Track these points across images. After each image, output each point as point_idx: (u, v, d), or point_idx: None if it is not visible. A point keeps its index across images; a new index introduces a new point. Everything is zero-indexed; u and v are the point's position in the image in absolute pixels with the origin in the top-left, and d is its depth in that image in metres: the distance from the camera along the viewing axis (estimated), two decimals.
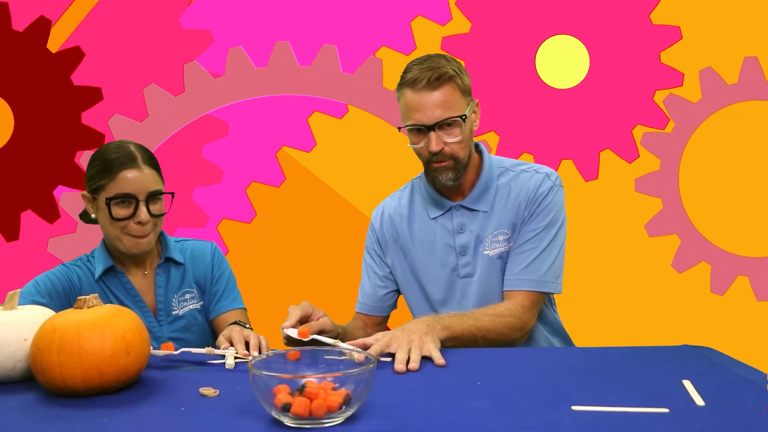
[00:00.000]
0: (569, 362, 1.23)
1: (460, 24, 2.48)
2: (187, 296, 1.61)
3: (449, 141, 1.49)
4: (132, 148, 1.51)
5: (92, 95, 2.48)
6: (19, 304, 1.38)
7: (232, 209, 2.51)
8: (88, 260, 1.58)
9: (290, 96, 2.50)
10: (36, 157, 2.49)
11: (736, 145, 2.47)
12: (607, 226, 2.49)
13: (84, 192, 1.53)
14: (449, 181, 1.53)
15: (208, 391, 1.06)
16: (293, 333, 1.29)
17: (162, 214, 1.52)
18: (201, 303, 1.63)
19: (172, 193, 1.55)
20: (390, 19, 2.48)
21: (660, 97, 2.46)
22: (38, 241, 2.49)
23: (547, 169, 1.59)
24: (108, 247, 1.57)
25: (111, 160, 1.48)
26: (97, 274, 1.54)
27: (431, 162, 1.52)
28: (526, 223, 1.54)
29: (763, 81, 2.46)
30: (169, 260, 1.60)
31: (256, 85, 2.50)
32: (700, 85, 2.46)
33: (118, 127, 2.48)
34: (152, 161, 1.52)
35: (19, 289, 1.26)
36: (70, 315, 1.10)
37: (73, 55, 2.47)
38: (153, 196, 1.49)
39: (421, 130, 1.50)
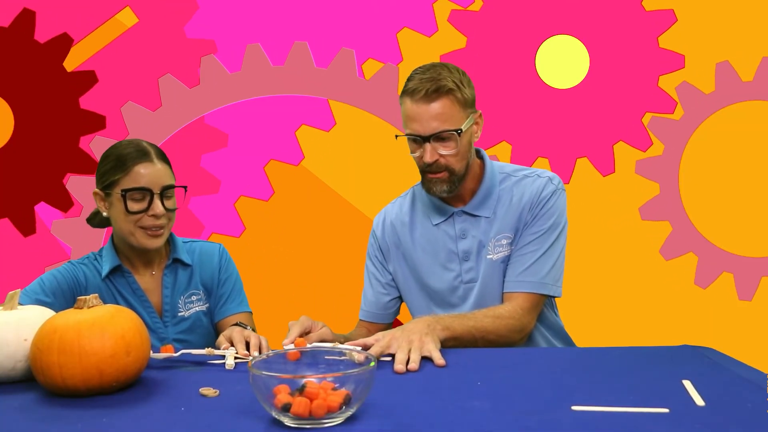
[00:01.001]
0: (569, 362, 1.23)
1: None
2: (194, 298, 1.61)
3: (444, 153, 1.49)
4: (145, 144, 1.53)
5: (96, 122, 2.48)
6: (23, 303, 1.39)
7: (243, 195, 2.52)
8: (96, 259, 1.58)
9: (293, 96, 2.51)
10: (41, 150, 2.48)
11: (741, 140, 2.47)
12: (609, 229, 2.49)
13: (96, 189, 1.53)
14: (443, 192, 1.54)
15: (208, 391, 1.06)
16: (292, 347, 1.30)
17: (175, 209, 1.53)
18: (207, 305, 1.63)
19: (185, 187, 1.56)
20: (411, 5, 2.49)
21: (668, 83, 2.47)
22: (12, 249, 2.49)
23: (549, 173, 1.60)
24: (117, 245, 1.57)
25: (124, 155, 1.49)
26: (104, 273, 1.54)
27: (426, 172, 1.53)
28: (529, 226, 1.55)
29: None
30: (177, 261, 1.60)
31: (256, 87, 2.50)
32: (715, 77, 2.46)
33: (100, 146, 2.48)
34: (164, 157, 1.54)
35: (19, 289, 1.26)
36: (70, 315, 1.10)
37: (85, 78, 2.47)
38: (167, 191, 1.50)
39: (418, 140, 1.51)
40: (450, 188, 1.53)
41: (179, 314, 1.59)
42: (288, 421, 0.89)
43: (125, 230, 1.50)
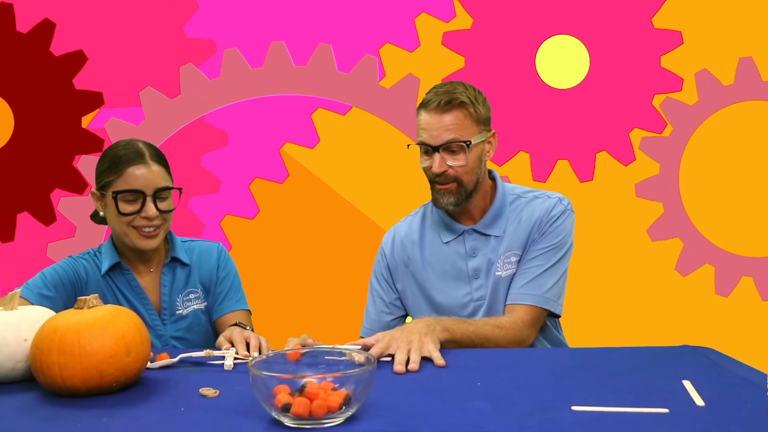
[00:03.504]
0: (569, 362, 1.23)
1: (462, 21, 2.48)
2: (192, 296, 1.61)
3: (452, 164, 1.51)
4: (141, 145, 1.52)
5: (93, 99, 2.47)
6: (25, 296, 1.41)
7: (235, 206, 2.51)
8: (95, 255, 1.58)
9: (290, 96, 2.50)
10: (34, 159, 2.48)
11: (734, 145, 2.47)
12: (608, 230, 2.49)
13: (93, 189, 1.54)
14: (449, 205, 1.55)
15: (208, 391, 1.06)
16: None
17: (170, 210, 1.53)
18: (205, 303, 1.63)
19: (180, 189, 1.56)
20: (393, 16, 2.48)
21: (658, 101, 2.46)
22: (34, 242, 2.49)
23: (559, 194, 1.61)
24: (116, 243, 1.57)
25: (119, 157, 1.49)
26: (103, 270, 1.54)
27: (435, 183, 1.55)
28: (536, 242, 1.56)
29: (759, 81, 2.45)
30: (175, 260, 1.60)
31: (253, 86, 2.50)
32: (696, 87, 2.46)
33: (114, 130, 2.47)
34: (161, 158, 1.53)
35: (19, 289, 1.26)
36: (70, 315, 1.10)
37: (75, 59, 2.47)
38: (160, 192, 1.50)
39: (428, 151, 1.53)
40: (457, 201, 1.54)
41: (177, 312, 1.59)
42: (288, 422, 0.89)
43: (119, 231, 1.50)
